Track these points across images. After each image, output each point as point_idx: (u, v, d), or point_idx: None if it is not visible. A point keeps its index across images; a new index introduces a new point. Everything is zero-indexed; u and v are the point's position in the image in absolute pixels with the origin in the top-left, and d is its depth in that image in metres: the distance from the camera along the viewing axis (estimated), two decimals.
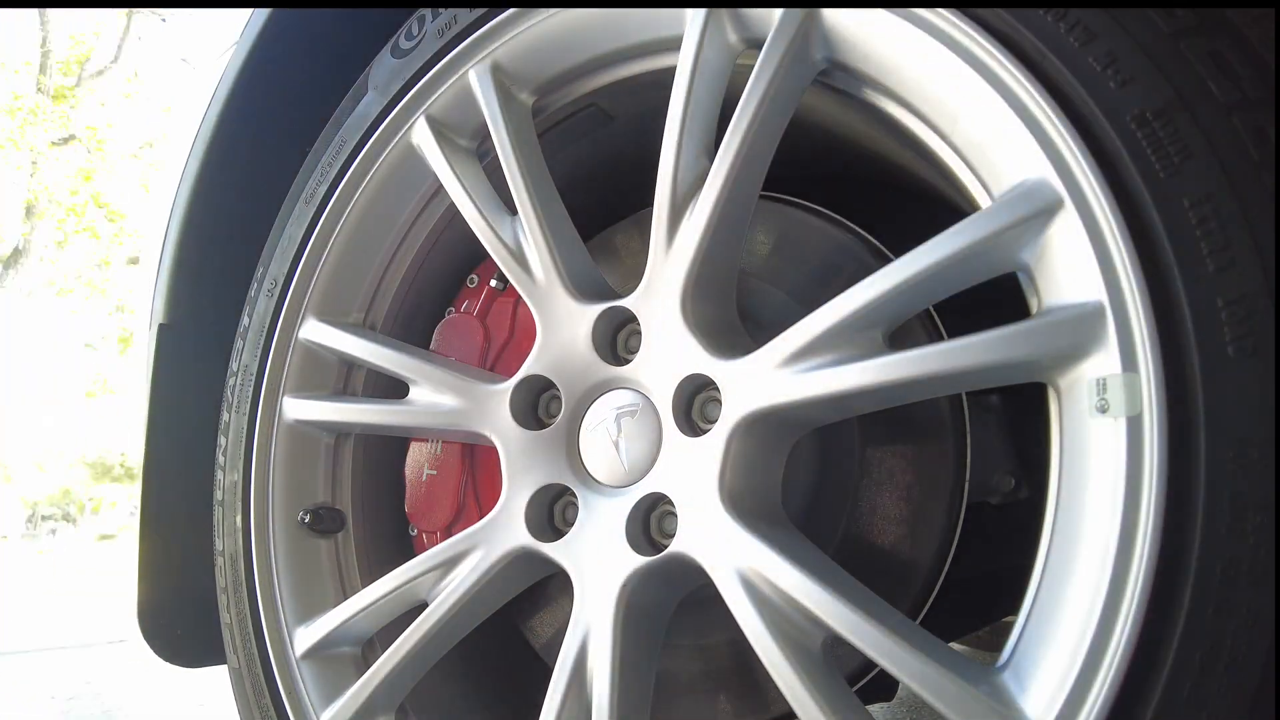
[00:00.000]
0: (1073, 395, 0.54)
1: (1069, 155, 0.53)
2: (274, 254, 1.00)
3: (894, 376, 0.59)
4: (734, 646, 0.89)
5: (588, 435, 0.77)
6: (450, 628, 0.80)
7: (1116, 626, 0.48)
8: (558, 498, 0.80)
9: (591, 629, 0.71)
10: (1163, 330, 0.49)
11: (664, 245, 0.72)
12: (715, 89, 0.74)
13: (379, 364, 0.91)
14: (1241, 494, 0.46)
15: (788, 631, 0.62)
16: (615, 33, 0.81)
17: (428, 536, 1.01)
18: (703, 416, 0.72)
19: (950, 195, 0.66)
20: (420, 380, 0.89)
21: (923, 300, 0.63)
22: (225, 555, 1.00)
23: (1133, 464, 0.49)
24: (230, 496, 1.00)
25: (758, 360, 0.67)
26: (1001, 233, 0.56)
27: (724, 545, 0.66)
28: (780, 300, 0.88)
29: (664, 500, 0.71)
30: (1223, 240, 0.47)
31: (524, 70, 0.86)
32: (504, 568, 0.78)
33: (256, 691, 0.94)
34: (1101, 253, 0.51)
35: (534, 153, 0.85)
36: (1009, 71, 0.56)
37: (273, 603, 0.95)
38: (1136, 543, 0.48)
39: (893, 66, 0.64)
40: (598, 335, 0.77)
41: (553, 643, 1.02)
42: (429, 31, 0.90)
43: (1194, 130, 0.49)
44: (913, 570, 0.81)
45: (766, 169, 0.71)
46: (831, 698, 0.59)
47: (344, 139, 0.96)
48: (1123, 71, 0.51)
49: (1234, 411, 0.46)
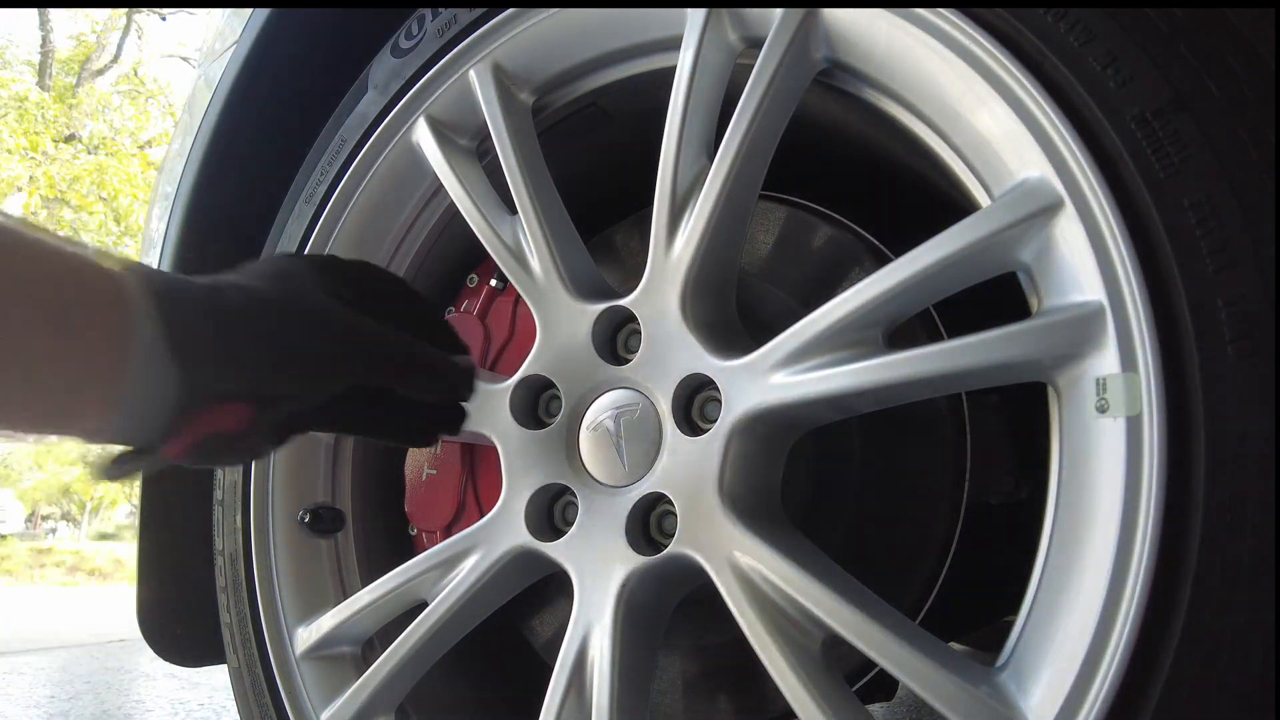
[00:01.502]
0: (1073, 395, 0.54)
1: (1069, 155, 0.53)
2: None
3: (894, 376, 0.59)
4: (734, 646, 0.89)
5: (587, 435, 0.77)
6: (450, 627, 0.80)
7: (1116, 626, 0.48)
8: (557, 497, 0.80)
9: (591, 629, 0.71)
10: (1162, 330, 0.49)
11: (664, 245, 0.72)
12: (715, 88, 0.74)
13: None
14: (1241, 494, 0.46)
15: (788, 631, 0.62)
16: (615, 32, 0.81)
17: (428, 536, 1.01)
18: (702, 416, 0.72)
19: (950, 195, 0.66)
20: None
21: (923, 300, 0.63)
22: (225, 555, 1.00)
23: (1132, 464, 0.49)
24: (230, 496, 1.00)
25: (757, 360, 0.67)
26: (1001, 232, 0.56)
27: (724, 545, 0.66)
28: (780, 300, 0.88)
29: (664, 500, 0.71)
30: (1223, 241, 0.47)
31: (524, 70, 0.86)
32: (504, 567, 0.78)
33: (256, 691, 0.94)
34: (1101, 253, 0.51)
35: (534, 152, 0.85)
36: (1009, 71, 0.56)
37: (272, 602, 0.95)
38: (1136, 542, 0.48)
39: (893, 66, 0.64)
40: (597, 335, 0.77)
41: (553, 642, 1.02)
42: (429, 31, 0.90)
43: (1194, 130, 0.49)
44: (913, 570, 0.81)
45: (766, 168, 0.71)
46: (831, 697, 0.59)
47: (344, 138, 0.96)
48: (1123, 71, 0.51)
49: (1234, 411, 0.46)
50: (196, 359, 0.52)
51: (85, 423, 0.50)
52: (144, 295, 0.51)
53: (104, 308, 0.49)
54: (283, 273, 0.61)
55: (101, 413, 0.50)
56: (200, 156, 1.07)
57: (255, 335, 0.55)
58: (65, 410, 0.49)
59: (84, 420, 0.50)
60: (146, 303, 0.50)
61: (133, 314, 0.50)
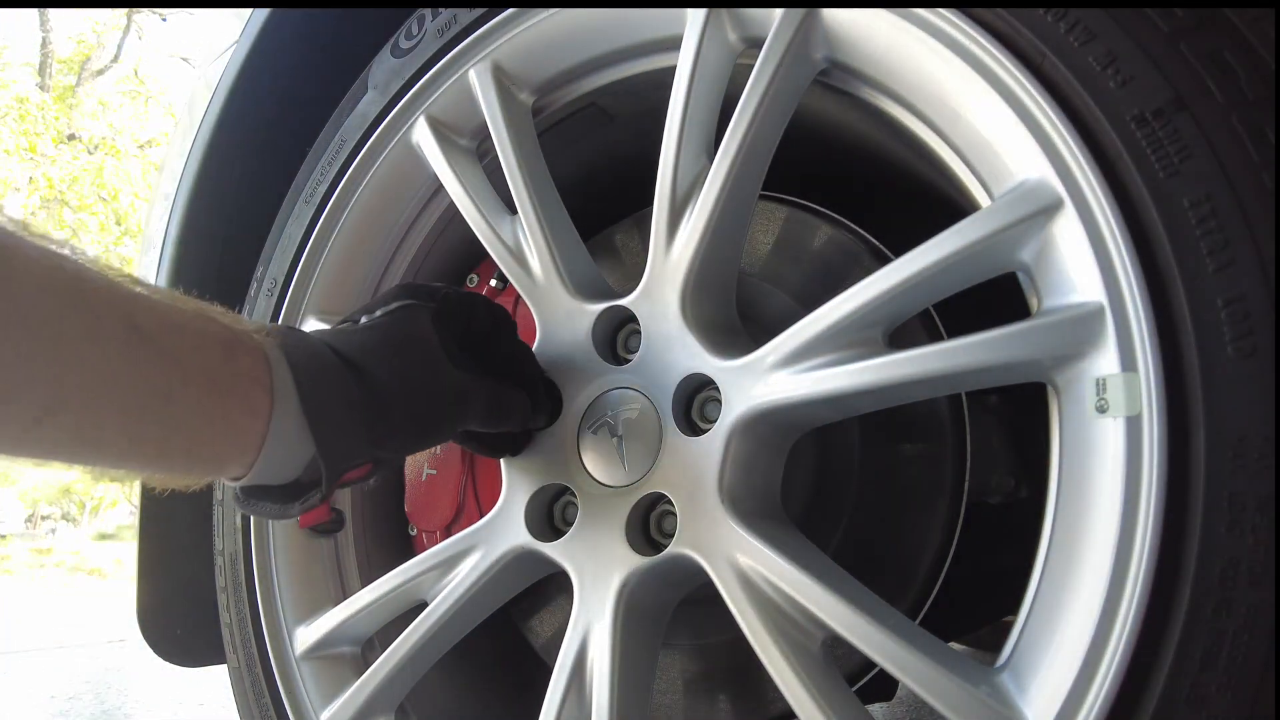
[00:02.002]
0: (1072, 395, 0.54)
1: (1068, 155, 0.53)
2: (274, 253, 1.00)
3: (894, 376, 0.59)
4: (734, 646, 0.89)
5: (587, 435, 0.77)
6: (450, 627, 0.80)
7: (1116, 626, 0.48)
8: (557, 497, 0.80)
9: (591, 629, 0.71)
10: (1162, 330, 0.49)
11: (664, 245, 0.72)
12: (715, 89, 0.74)
13: None
14: (1241, 494, 0.46)
15: (788, 631, 0.62)
16: (615, 32, 0.81)
17: (427, 536, 1.01)
18: (702, 416, 0.72)
19: (950, 195, 0.66)
20: None
21: (923, 300, 0.63)
22: (225, 555, 1.00)
23: (1132, 464, 0.49)
24: (230, 496, 1.00)
25: (757, 360, 0.67)
26: (1001, 232, 0.56)
27: (723, 545, 0.66)
28: (780, 300, 0.88)
29: (663, 500, 0.71)
30: (1222, 240, 0.47)
31: (524, 70, 0.86)
32: (504, 567, 0.78)
33: (256, 691, 0.94)
34: (1101, 253, 0.51)
35: (534, 152, 0.85)
36: (1009, 71, 0.56)
37: (272, 602, 0.95)
38: (1136, 542, 0.48)
39: (892, 66, 0.64)
40: (597, 335, 0.77)
41: (553, 643, 1.02)
42: (429, 31, 0.90)
43: (1194, 130, 0.49)
44: (913, 570, 0.81)
45: (766, 168, 0.71)
46: (831, 698, 0.59)
47: (344, 138, 0.96)
48: (1123, 71, 0.51)
49: (1233, 411, 0.46)
50: (332, 443, 0.59)
51: (228, 474, 0.57)
52: (287, 376, 0.57)
53: (255, 385, 0.55)
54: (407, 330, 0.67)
55: (246, 471, 0.57)
56: (200, 157, 1.07)
57: (386, 411, 0.62)
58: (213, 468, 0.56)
59: (228, 473, 0.57)
60: (290, 386, 0.57)
61: (279, 395, 0.56)
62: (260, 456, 0.56)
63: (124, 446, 0.50)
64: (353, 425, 0.60)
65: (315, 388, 0.58)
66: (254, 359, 0.56)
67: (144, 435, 0.50)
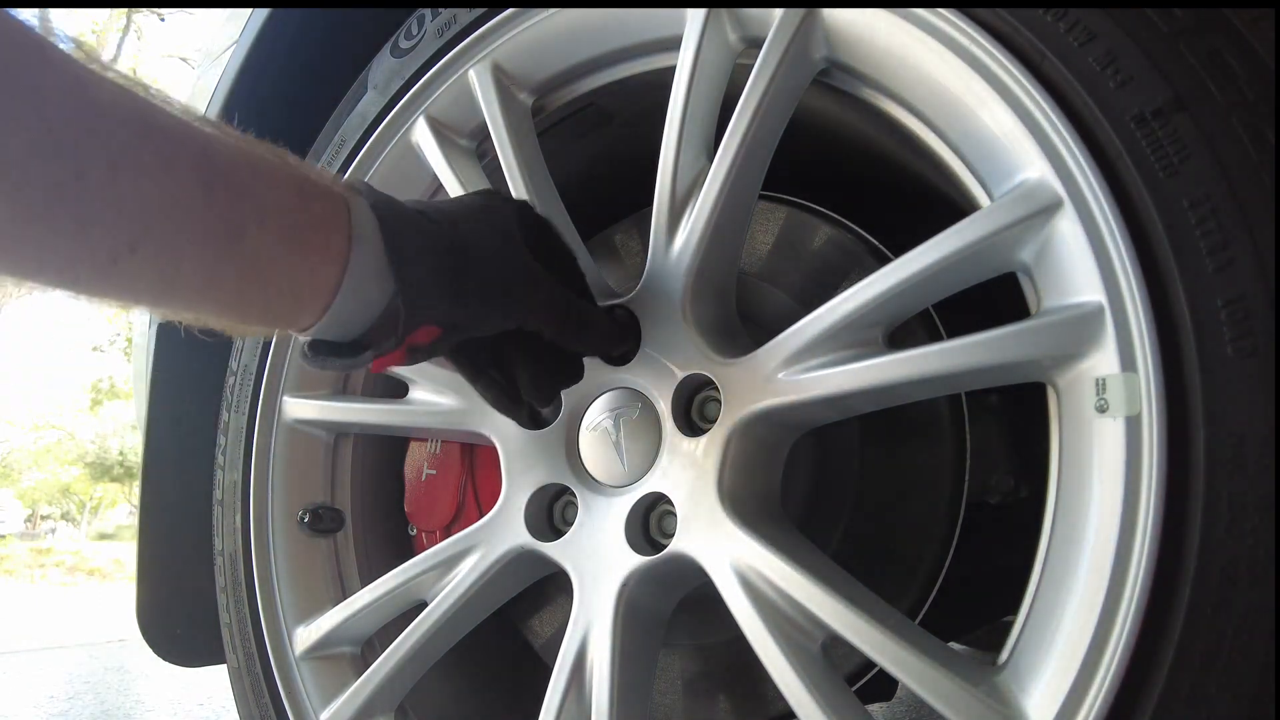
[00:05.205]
0: (1072, 395, 0.54)
1: (1068, 155, 0.53)
2: None
3: (893, 376, 0.59)
4: (734, 646, 0.89)
5: (587, 435, 0.77)
6: (450, 627, 0.80)
7: (1116, 626, 0.48)
8: (557, 497, 0.80)
9: (591, 629, 0.71)
10: (1162, 330, 0.49)
11: (663, 245, 0.72)
12: (715, 89, 0.74)
13: None
14: (1240, 494, 0.46)
15: (788, 631, 0.62)
16: (615, 32, 0.81)
17: (427, 536, 1.00)
18: (702, 416, 0.72)
19: (950, 195, 0.66)
20: (420, 380, 0.89)
21: (922, 300, 0.63)
22: (225, 555, 1.00)
23: (1132, 464, 0.49)
24: (230, 496, 1.00)
25: (757, 360, 0.67)
26: (1001, 232, 0.56)
27: (723, 545, 0.66)
28: (780, 300, 0.88)
29: (663, 500, 0.71)
30: (1222, 240, 0.47)
31: (523, 70, 0.86)
32: (503, 567, 0.78)
33: (256, 691, 0.94)
34: (1101, 253, 0.51)
35: (533, 152, 0.85)
36: (1008, 71, 0.56)
37: (272, 602, 0.95)
38: (1136, 542, 0.48)
39: (892, 66, 0.64)
40: None
41: (553, 642, 1.02)
42: (428, 31, 0.90)
43: (1194, 130, 0.49)
44: (913, 570, 0.81)
45: (766, 168, 0.71)
46: (831, 698, 0.59)
47: (343, 138, 0.96)
48: (1122, 71, 0.51)
49: (1233, 411, 0.46)
50: (414, 286, 0.57)
51: (300, 324, 0.56)
52: (369, 221, 0.56)
53: (333, 230, 0.54)
54: (489, 209, 0.65)
55: (317, 319, 0.55)
56: None
57: (467, 267, 0.60)
58: (287, 314, 0.54)
59: (300, 322, 0.55)
60: (372, 229, 0.56)
61: (358, 239, 0.55)
62: (336, 300, 0.55)
63: (199, 286, 0.49)
64: (435, 271, 0.58)
65: (399, 229, 0.57)
66: (333, 204, 0.55)
67: (220, 274, 0.50)
